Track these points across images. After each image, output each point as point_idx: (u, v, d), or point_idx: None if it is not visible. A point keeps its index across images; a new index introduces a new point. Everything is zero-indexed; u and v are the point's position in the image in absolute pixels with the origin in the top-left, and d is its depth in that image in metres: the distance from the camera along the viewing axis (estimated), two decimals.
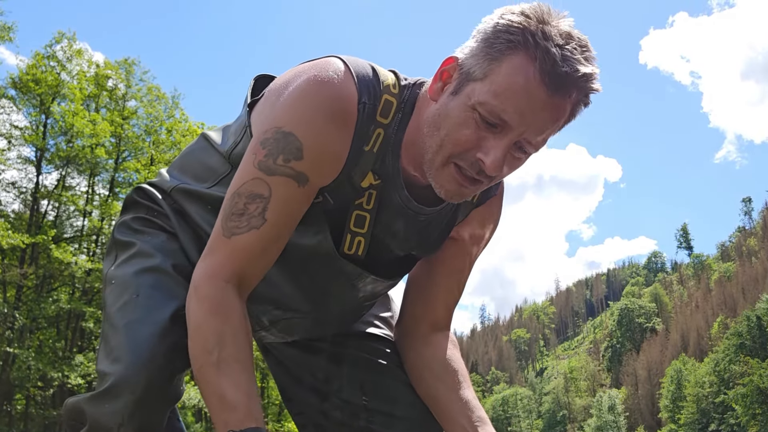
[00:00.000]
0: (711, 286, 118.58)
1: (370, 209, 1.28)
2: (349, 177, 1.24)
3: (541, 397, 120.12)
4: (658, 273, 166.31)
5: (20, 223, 22.22)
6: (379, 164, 1.25)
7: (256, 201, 1.18)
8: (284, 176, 1.18)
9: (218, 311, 1.15)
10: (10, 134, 21.72)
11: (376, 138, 1.23)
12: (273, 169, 1.18)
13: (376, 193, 1.27)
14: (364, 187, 1.26)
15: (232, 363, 1.11)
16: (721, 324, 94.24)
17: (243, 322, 1.17)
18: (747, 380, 57.99)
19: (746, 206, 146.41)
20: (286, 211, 1.20)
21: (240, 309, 1.18)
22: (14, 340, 20.16)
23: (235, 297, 1.18)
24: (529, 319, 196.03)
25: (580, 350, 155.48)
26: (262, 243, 1.19)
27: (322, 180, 1.22)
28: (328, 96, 1.18)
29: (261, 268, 1.22)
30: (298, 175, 1.18)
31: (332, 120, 1.18)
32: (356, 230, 1.29)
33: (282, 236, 1.22)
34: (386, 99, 1.23)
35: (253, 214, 1.18)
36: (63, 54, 22.28)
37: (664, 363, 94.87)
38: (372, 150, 1.23)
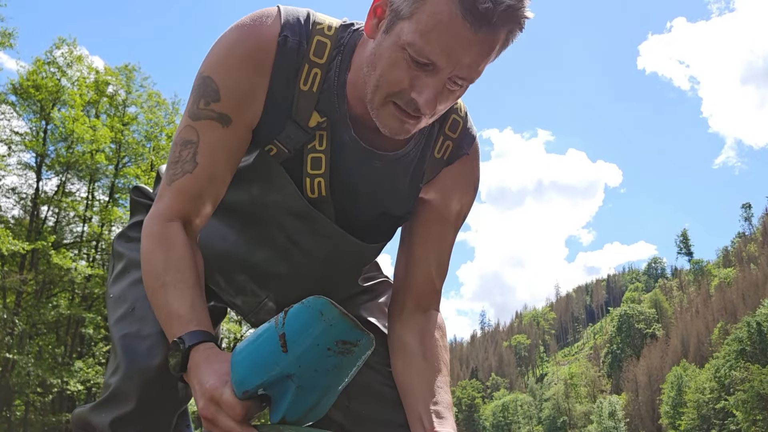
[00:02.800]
0: (711, 292, 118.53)
1: (324, 150, 1.28)
2: (290, 116, 1.26)
3: (541, 403, 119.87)
4: (658, 279, 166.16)
5: (20, 228, 22.22)
6: (324, 104, 1.26)
7: (188, 147, 1.25)
8: (207, 119, 1.24)
9: (162, 243, 1.23)
10: (10, 140, 21.76)
11: (312, 77, 1.25)
12: (197, 113, 1.25)
13: (327, 134, 1.28)
14: (312, 127, 1.27)
15: (177, 283, 1.18)
16: (721, 330, 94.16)
17: (188, 251, 1.23)
18: (747, 386, 57.92)
19: (746, 212, 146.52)
20: (215, 152, 1.24)
21: (184, 241, 1.24)
22: (14, 346, 20.14)
23: (179, 231, 1.24)
24: (529, 325, 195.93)
25: (580, 356, 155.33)
26: (196, 185, 1.25)
27: (245, 118, 1.25)
28: (244, 37, 1.23)
29: (201, 207, 1.28)
30: (220, 116, 1.23)
31: (246, 59, 1.22)
32: (314, 172, 1.30)
33: (216, 176, 1.26)
34: (318, 40, 1.25)
35: (186, 160, 1.25)
36: (63, 60, 22.35)
37: (665, 369, 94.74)
38: (311, 89, 1.25)
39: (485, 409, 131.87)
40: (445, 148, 1.39)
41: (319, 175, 1.30)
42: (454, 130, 1.39)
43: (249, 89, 1.24)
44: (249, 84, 1.23)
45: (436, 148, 1.38)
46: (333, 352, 0.89)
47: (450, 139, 1.39)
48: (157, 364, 1.27)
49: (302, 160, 1.30)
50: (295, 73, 1.25)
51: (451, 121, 1.39)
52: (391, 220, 1.43)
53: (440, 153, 1.39)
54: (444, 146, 1.39)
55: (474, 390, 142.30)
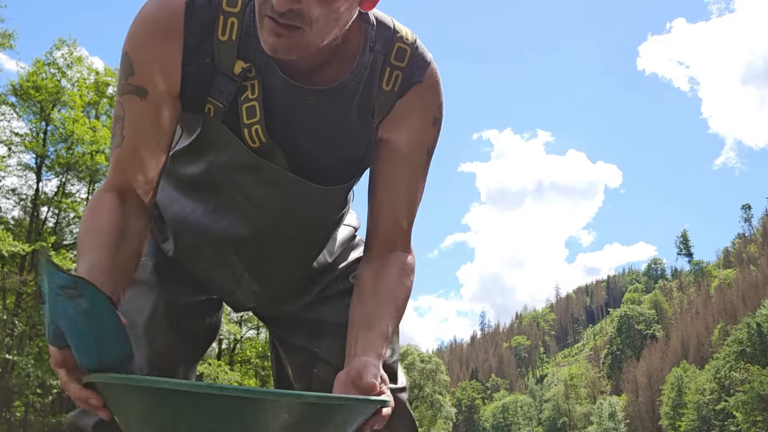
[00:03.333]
0: (711, 293, 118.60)
1: (256, 97, 1.26)
2: (216, 69, 1.25)
3: (541, 405, 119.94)
4: (658, 280, 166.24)
5: (20, 229, 22.24)
6: (245, 51, 1.25)
7: (118, 122, 1.28)
8: (128, 93, 1.25)
9: (91, 212, 1.27)
10: (10, 141, 21.77)
11: (230, 27, 1.24)
12: (121, 89, 1.27)
13: (258, 80, 1.26)
14: (238, 74, 1.25)
15: (92, 249, 1.20)
16: (721, 331, 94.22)
17: (112, 217, 1.24)
18: (747, 387, 57.95)
19: (746, 213, 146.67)
20: (137, 124, 1.26)
21: (112, 208, 1.25)
22: (13, 347, 20.15)
23: (111, 199, 1.27)
24: (529, 326, 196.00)
25: (580, 357, 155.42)
26: (124, 157, 1.27)
27: (162, 87, 1.25)
28: (151, 7, 1.23)
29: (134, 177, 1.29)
30: (137, 89, 1.24)
31: (154, 27, 1.22)
32: (250, 121, 1.27)
33: (141, 148, 1.27)
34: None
35: (117, 134, 1.28)
36: (63, 61, 22.36)
37: (665, 370, 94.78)
38: (231, 38, 1.24)
39: (485, 411, 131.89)
40: (393, 79, 1.32)
41: (255, 122, 1.27)
42: (400, 59, 1.31)
43: (160, 57, 1.22)
44: (159, 51, 1.22)
45: (383, 80, 1.31)
46: (63, 297, 0.98)
47: (398, 69, 1.32)
48: (137, 366, 1.30)
49: (238, 113, 1.28)
50: (210, 27, 1.23)
51: (396, 51, 1.31)
52: (348, 162, 1.38)
53: (389, 85, 1.32)
54: (392, 77, 1.32)
55: (474, 391, 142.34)
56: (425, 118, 1.35)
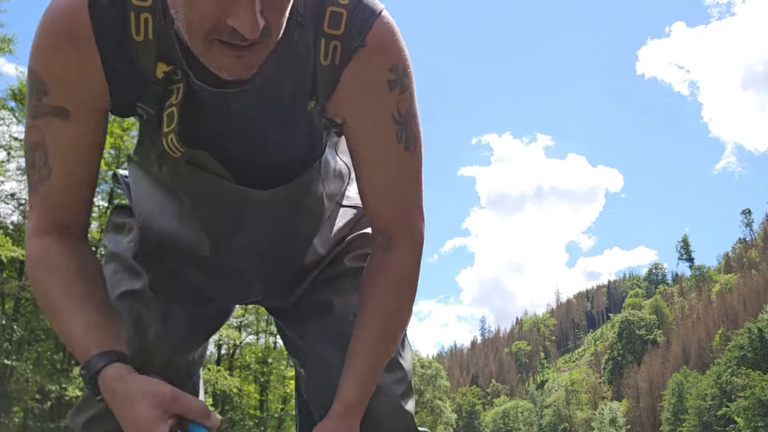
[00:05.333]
0: (712, 298, 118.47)
1: (177, 102, 1.09)
2: (142, 74, 1.10)
3: (542, 410, 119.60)
4: (659, 285, 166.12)
5: (19, 234, 22.17)
6: (163, 50, 1.08)
7: (38, 149, 1.14)
8: (45, 116, 1.11)
9: (41, 265, 1.17)
10: (9, 146, 21.72)
11: (144, 24, 1.07)
12: (34, 111, 1.12)
13: (183, 85, 1.09)
14: (162, 79, 1.09)
15: (64, 304, 1.13)
16: (722, 336, 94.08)
17: (69, 263, 1.16)
18: (749, 393, 57.81)
19: (746, 218, 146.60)
20: (64, 150, 1.14)
21: (64, 257, 1.17)
22: (12, 352, 20.08)
23: (57, 244, 1.17)
24: (529, 331, 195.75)
25: (581, 362, 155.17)
26: (57, 189, 1.16)
27: (85, 102, 1.11)
28: (50, 17, 1.07)
29: (74, 210, 1.20)
30: (55, 109, 1.11)
31: (58, 39, 1.06)
32: (168, 129, 1.10)
33: (76, 175, 1.16)
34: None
35: (40, 164, 1.15)
36: None
37: (666, 375, 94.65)
38: (147, 37, 1.07)
39: (486, 416, 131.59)
40: (332, 50, 1.12)
41: (170, 131, 1.10)
42: (335, 26, 1.11)
43: (75, 70, 1.08)
44: (72, 64, 1.07)
45: (320, 54, 1.12)
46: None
47: (334, 38, 1.12)
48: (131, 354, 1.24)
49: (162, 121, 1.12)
50: (123, 26, 1.06)
51: (328, 18, 1.11)
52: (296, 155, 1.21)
53: (327, 58, 1.12)
54: (330, 49, 1.12)
55: (474, 396, 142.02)
56: (377, 85, 1.15)
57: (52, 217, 1.18)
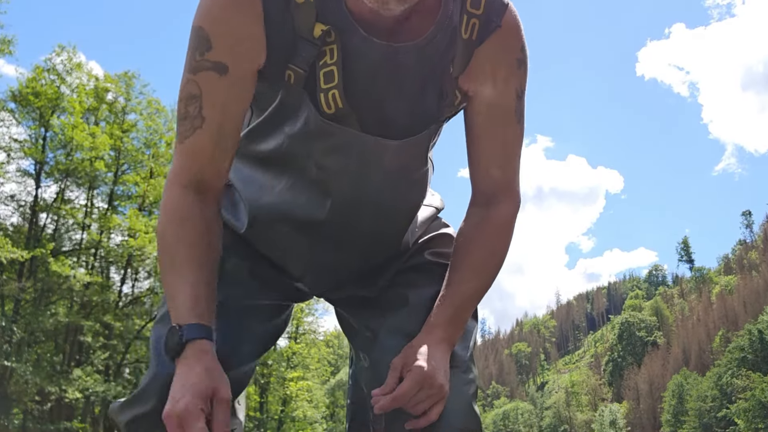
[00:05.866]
0: (712, 300, 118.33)
1: (335, 61, 1.20)
2: (298, 35, 1.20)
3: (542, 412, 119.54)
4: (659, 286, 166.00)
5: (19, 236, 22.15)
6: (324, 13, 1.19)
7: (193, 102, 1.21)
8: (205, 70, 1.19)
9: (174, 217, 1.21)
10: (9, 147, 21.70)
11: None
12: (195, 66, 1.20)
13: (337, 44, 1.20)
14: (318, 38, 1.19)
15: (186, 264, 1.17)
16: (722, 337, 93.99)
17: (199, 225, 1.21)
18: (749, 394, 57.75)
19: (746, 219, 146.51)
20: (219, 103, 1.21)
21: (197, 212, 1.22)
22: (12, 354, 20.04)
23: (192, 201, 1.22)
24: (529, 333, 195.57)
25: (581, 364, 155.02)
26: (208, 140, 1.22)
27: (244, 62, 1.21)
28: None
29: (217, 165, 1.25)
30: (216, 65, 1.19)
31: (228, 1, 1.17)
32: (327, 86, 1.22)
33: (226, 128, 1.23)
34: None
35: (193, 115, 1.21)
36: (63, 67, 22.31)
37: (666, 377, 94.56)
38: (308, 0, 1.18)
39: (486, 418, 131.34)
40: (471, 26, 1.27)
41: (332, 87, 1.22)
42: (476, 5, 1.27)
43: (241, 30, 1.18)
44: (239, 24, 1.18)
45: (462, 28, 1.26)
46: None
47: (475, 16, 1.27)
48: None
49: (316, 78, 1.22)
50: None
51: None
52: (423, 115, 1.31)
53: (467, 33, 1.27)
54: (470, 25, 1.27)
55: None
56: (509, 62, 1.32)
57: (196, 168, 1.23)
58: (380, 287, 1.48)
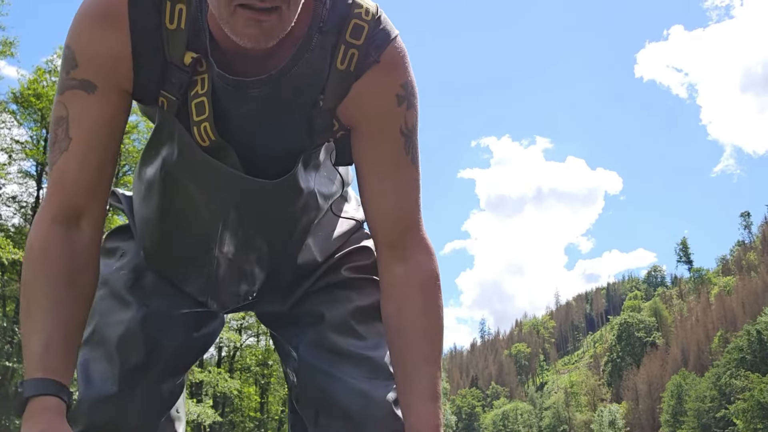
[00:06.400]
0: (711, 301, 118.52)
1: (205, 92, 1.16)
2: (168, 61, 1.16)
3: (541, 412, 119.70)
4: (657, 287, 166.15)
5: (20, 237, 22.24)
6: (193, 41, 1.15)
7: (61, 124, 1.16)
8: (72, 89, 1.15)
9: (33, 255, 1.14)
10: (11, 148, 21.80)
11: (178, 14, 1.14)
12: (62, 86, 1.16)
13: (208, 75, 1.16)
14: (187, 66, 1.15)
15: (39, 307, 1.10)
16: (721, 338, 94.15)
17: (62, 262, 1.14)
18: (748, 395, 57.88)
19: (745, 220, 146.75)
20: (87, 122, 1.15)
21: (62, 246, 1.15)
22: (13, 354, 20.14)
23: (57, 234, 1.15)
24: (529, 334, 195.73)
25: (580, 365, 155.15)
26: (74, 162, 1.15)
27: (112, 80, 1.16)
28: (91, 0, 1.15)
29: (89, 188, 1.18)
30: (82, 83, 1.15)
31: (97, 18, 1.13)
32: (199, 119, 1.17)
33: (96, 149, 1.16)
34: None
35: (61, 138, 1.16)
36: None
37: (665, 377, 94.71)
38: (179, 27, 1.14)
39: (485, 418, 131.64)
40: (349, 57, 1.19)
41: (203, 119, 1.17)
42: (356, 36, 1.19)
43: (107, 48, 1.13)
44: (105, 42, 1.13)
45: (338, 58, 1.19)
46: None
47: (353, 46, 1.19)
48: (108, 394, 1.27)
49: (188, 109, 1.18)
50: (158, 14, 1.14)
51: (351, 28, 1.18)
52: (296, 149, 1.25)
53: (344, 64, 1.19)
54: (348, 56, 1.19)
55: (474, 399, 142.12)
56: (387, 98, 1.23)
57: (65, 194, 1.17)
58: (293, 304, 1.47)
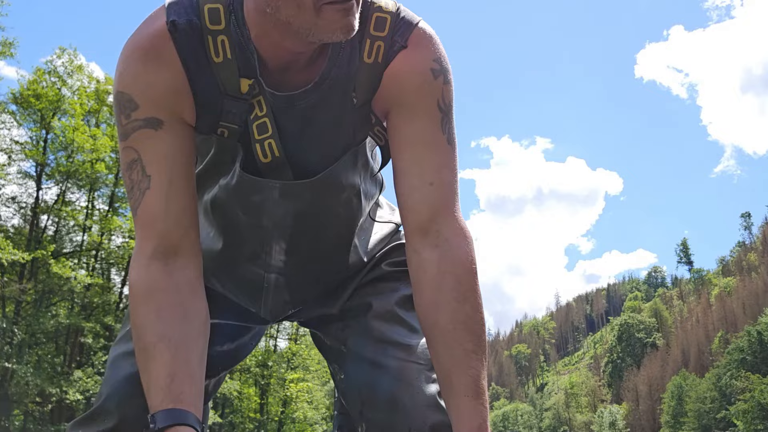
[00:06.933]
0: (711, 301, 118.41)
1: (265, 113, 1.21)
2: (224, 93, 1.19)
3: (541, 413, 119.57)
4: (658, 288, 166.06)
5: (20, 238, 22.21)
6: (244, 67, 1.18)
7: (134, 167, 1.16)
8: (137, 130, 1.16)
9: (139, 296, 1.14)
10: (10, 149, 21.77)
11: (221, 46, 1.16)
12: (125, 131, 1.16)
13: (263, 97, 1.20)
14: (246, 94, 1.19)
15: (157, 344, 1.10)
16: (721, 339, 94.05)
17: (169, 297, 1.14)
18: (748, 396, 57.79)
19: (746, 221, 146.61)
20: (162, 158, 1.16)
21: (165, 282, 1.15)
22: (13, 355, 20.09)
23: (158, 272, 1.15)
24: (529, 334, 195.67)
25: (580, 365, 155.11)
26: (159, 196, 1.16)
27: (175, 113, 1.17)
28: (136, 41, 1.15)
29: (179, 223, 1.18)
30: (147, 121, 1.15)
31: (145, 59, 1.14)
32: (262, 137, 1.22)
33: (176, 182, 1.17)
34: (209, 8, 1.16)
35: (138, 180, 1.16)
36: (64, 69, 22.39)
37: (665, 378, 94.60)
38: (227, 57, 1.17)
39: None
40: (375, 50, 1.22)
41: (267, 137, 1.22)
42: (380, 28, 1.22)
43: (163, 83, 1.15)
44: (160, 79, 1.15)
45: (364, 52, 1.22)
46: None
47: (378, 39, 1.22)
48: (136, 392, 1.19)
49: (248, 131, 1.22)
50: (202, 49, 1.16)
51: (374, 22, 1.22)
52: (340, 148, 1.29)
53: (371, 57, 1.22)
54: (374, 48, 1.22)
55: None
56: (422, 73, 1.23)
57: (156, 233, 1.17)
58: (341, 304, 1.50)
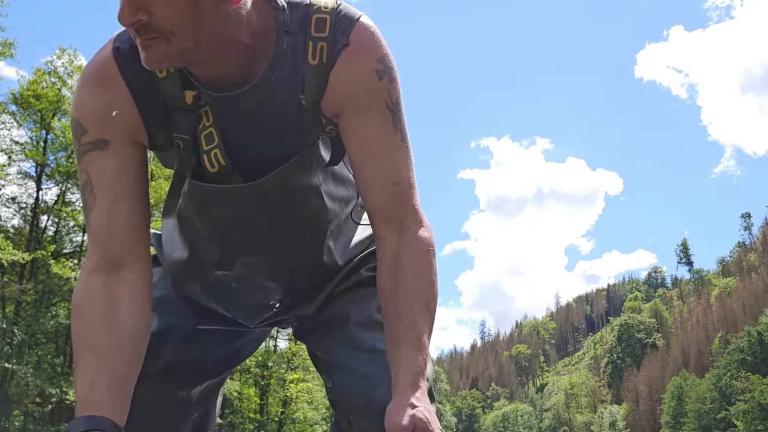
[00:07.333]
0: (711, 302, 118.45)
1: (211, 123, 1.25)
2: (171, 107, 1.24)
3: (541, 414, 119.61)
4: (658, 288, 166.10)
5: (20, 238, 22.21)
6: (185, 80, 1.22)
7: (86, 187, 1.24)
8: (87, 153, 1.22)
9: (75, 309, 1.20)
10: (10, 150, 21.77)
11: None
12: (79, 155, 1.24)
13: (210, 107, 1.24)
14: (191, 105, 1.23)
15: (85, 354, 1.15)
16: (721, 339, 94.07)
17: (100, 310, 1.19)
18: (748, 396, 57.80)
19: (746, 221, 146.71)
20: (107, 175, 1.22)
21: (100, 293, 1.20)
22: (13, 356, 20.09)
23: (96, 285, 1.21)
24: (529, 335, 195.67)
25: (580, 366, 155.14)
26: (102, 213, 1.22)
27: (122, 132, 1.23)
28: (86, 70, 1.24)
29: (123, 237, 1.24)
30: (95, 143, 1.22)
31: (92, 85, 1.22)
32: (209, 147, 1.26)
33: (118, 197, 1.23)
34: None
35: (88, 199, 1.23)
36: (64, 69, 22.36)
37: (665, 379, 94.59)
38: (169, 72, 1.22)
39: (485, 420, 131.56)
40: (319, 51, 1.24)
41: (213, 147, 1.25)
42: (321, 29, 1.23)
43: (108, 106, 1.21)
44: (105, 101, 1.21)
45: (308, 55, 1.23)
46: None
47: (321, 39, 1.23)
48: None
49: (199, 143, 1.26)
50: (146, 69, 1.19)
51: (314, 23, 1.23)
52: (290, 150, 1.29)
53: (315, 58, 1.24)
54: (317, 50, 1.24)
55: (474, 400, 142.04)
56: (367, 75, 1.25)
57: (100, 248, 1.23)
58: (318, 306, 1.51)
